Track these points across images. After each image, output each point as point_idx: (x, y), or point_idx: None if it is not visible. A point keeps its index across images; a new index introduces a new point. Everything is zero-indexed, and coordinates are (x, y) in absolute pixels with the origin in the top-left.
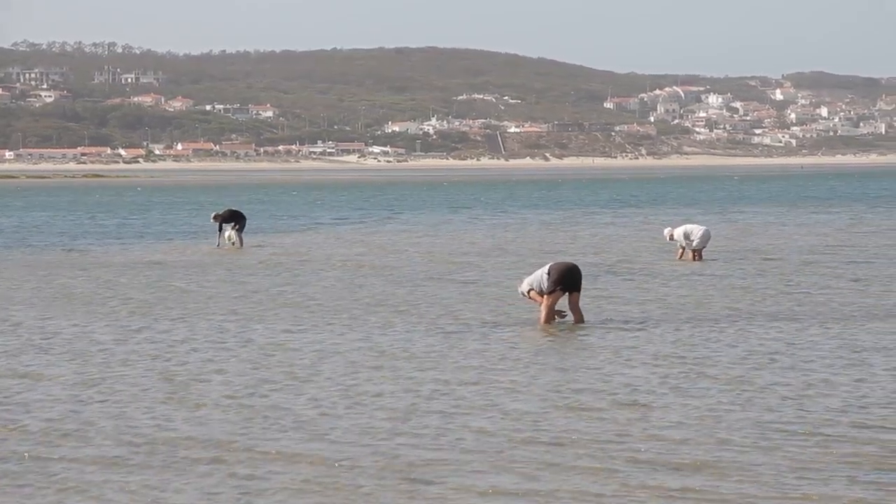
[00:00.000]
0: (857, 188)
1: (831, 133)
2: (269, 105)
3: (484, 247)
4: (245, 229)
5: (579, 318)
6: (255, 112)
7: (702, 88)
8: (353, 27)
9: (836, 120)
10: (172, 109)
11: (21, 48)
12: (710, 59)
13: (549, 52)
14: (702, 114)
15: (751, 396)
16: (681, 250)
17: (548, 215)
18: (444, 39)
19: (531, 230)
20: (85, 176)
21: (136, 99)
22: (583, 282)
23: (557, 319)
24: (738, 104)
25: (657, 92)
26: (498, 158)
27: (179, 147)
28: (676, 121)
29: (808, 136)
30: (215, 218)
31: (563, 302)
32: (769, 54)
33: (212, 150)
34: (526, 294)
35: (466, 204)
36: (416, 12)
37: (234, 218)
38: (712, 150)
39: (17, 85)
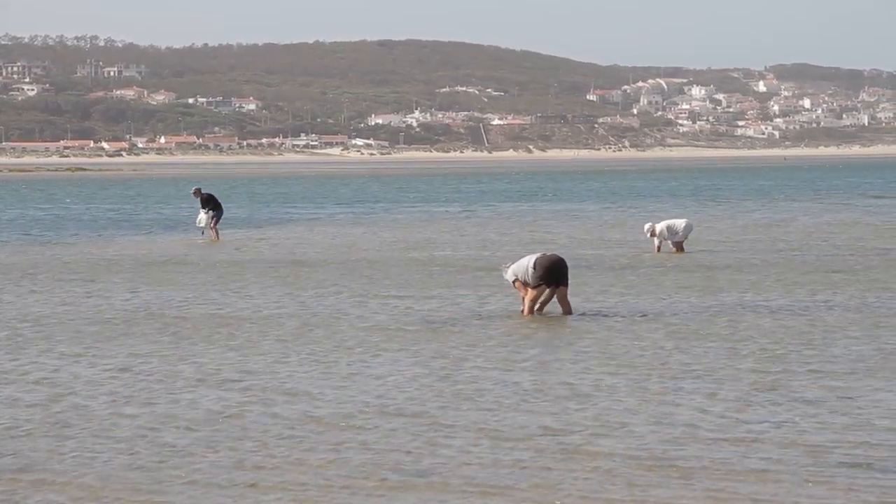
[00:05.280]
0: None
1: (814, 125)
2: (251, 98)
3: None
4: (221, 220)
5: (567, 310)
6: (237, 105)
7: (685, 80)
8: (335, 20)
9: (819, 112)
10: (155, 103)
11: (3, 41)
12: (692, 50)
13: (532, 45)
14: (685, 106)
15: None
16: (659, 244)
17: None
18: (426, 32)
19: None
20: (69, 169)
21: (118, 92)
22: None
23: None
24: (720, 96)
25: (640, 84)
26: (481, 151)
27: (162, 140)
28: (659, 113)
29: (791, 127)
30: (195, 193)
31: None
32: (752, 46)
33: (195, 143)
34: (512, 283)
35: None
36: (399, 5)
37: (211, 202)
38: (695, 142)
39: (0, 78)
